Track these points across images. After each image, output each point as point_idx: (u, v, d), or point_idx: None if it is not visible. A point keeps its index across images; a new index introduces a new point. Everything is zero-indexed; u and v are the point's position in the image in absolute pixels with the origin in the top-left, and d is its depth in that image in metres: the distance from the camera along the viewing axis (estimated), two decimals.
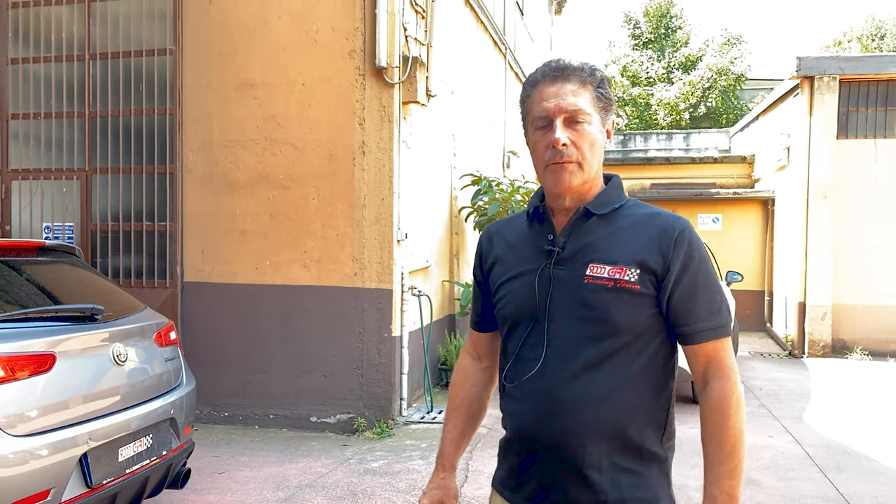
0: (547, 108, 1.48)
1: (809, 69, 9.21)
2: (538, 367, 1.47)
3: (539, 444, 1.47)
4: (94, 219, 6.34)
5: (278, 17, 5.88)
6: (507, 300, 1.57)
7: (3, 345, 2.54)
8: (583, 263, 1.48)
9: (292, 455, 5.05)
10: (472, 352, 1.80)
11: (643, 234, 1.48)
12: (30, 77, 6.48)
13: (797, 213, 9.67)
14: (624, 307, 1.43)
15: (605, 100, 1.51)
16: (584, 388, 1.43)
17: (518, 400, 1.51)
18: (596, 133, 1.50)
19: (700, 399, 1.51)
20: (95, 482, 2.72)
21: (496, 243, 1.66)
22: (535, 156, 1.54)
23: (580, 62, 1.52)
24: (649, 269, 1.45)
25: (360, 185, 5.76)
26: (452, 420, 1.75)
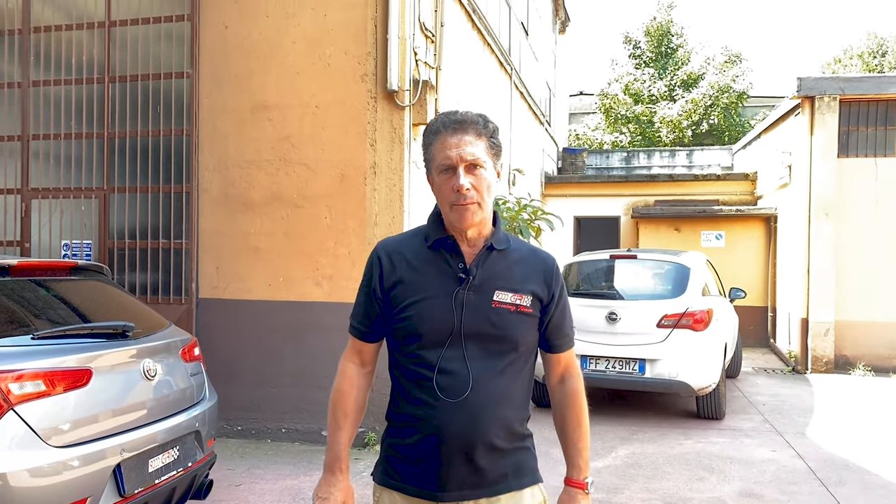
0: (450, 156, 1.74)
1: (810, 89, 9.39)
2: (465, 376, 1.73)
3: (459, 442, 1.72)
4: (111, 236, 6.50)
5: (293, 41, 6.07)
6: (418, 319, 1.77)
7: (44, 360, 2.69)
8: (490, 290, 1.78)
9: (306, 468, 5.17)
10: (357, 360, 1.96)
11: (531, 269, 1.84)
12: (51, 99, 6.67)
13: (799, 230, 9.80)
14: (522, 326, 1.79)
15: (496, 147, 1.80)
16: (497, 392, 1.75)
17: (442, 402, 1.72)
18: (491, 177, 1.78)
19: (557, 392, 1.93)
20: (128, 492, 2.85)
21: (397, 263, 1.84)
22: (440, 196, 1.80)
23: (475, 115, 1.80)
24: (538, 296, 1.82)
25: (371, 205, 5.92)
26: (345, 426, 1.90)
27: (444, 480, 1.74)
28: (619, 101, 23.08)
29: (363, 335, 1.93)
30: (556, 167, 17.10)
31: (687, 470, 5.11)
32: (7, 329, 2.82)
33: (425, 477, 1.76)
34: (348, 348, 1.98)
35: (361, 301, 1.92)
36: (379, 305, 1.86)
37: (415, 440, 1.76)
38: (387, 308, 1.84)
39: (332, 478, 1.88)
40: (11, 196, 6.75)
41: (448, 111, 1.82)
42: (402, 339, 1.80)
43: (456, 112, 1.80)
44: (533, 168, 13.37)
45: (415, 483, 1.77)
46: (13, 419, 2.53)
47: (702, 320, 6.28)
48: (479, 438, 1.73)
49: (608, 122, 23.84)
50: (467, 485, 1.75)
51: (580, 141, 23.99)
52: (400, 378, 1.82)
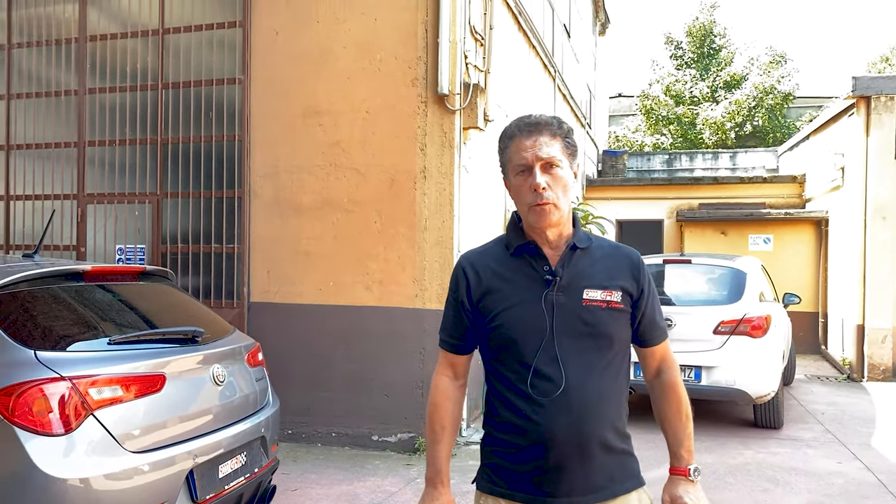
0: (525, 156, 1.76)
1: (866, 89, 9.11)
2: (564, 378, 1.72)
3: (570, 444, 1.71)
4: (164, 241, 6.60)
5: (343, 47, 6.09)
6: (510, 325, 1.78)
7: (121, 365, 2.71)
8: (579, 289, 1.79)
9: (359, 473, 5.16)
10: (450, 373, 1.95)
11: (617, 264, 1.85)
12: (106, 106, 6.80)
13: (854, 234, 9.52)
14: (614, 323, 1.79)
15: (571, 147, 1.81)
16: (599, 390, 1.75)
17: (545, 407, 1.72)
18: (568, 176, 1.79)
19: (656, 385, 1.93)
20: (200, 497, 2.86)
21: (483, 274, 1.85)
22: (517, 197, 1.81)
23: (549, 117, 1.81)
24: (627, 291, 1.82)
25: (420, 209, 5.90)
26: (444, 439, 1.90)
27: (553, 486, 1.73)
28: (660, 102, 22.77)
29: (455, 348, 1.93)
30: (596, 170, 16.92)
31: (750, 481, 4.97)
32: (84, 334, 2.86)
33: (533, 483, 1.75)
34: (440, 362, 1.98)
35: (450, 315, 1.92)
36: (468, 317, 1.87)
37: (521, 447, 1.75)
38: (477, 319, 1.85)
39: (434, 492, 1.88)
40: (68, 201, 6.90)
41: (522, 115, 1.83)
42: (495, 347, 1.81)
43: (530, 115, 1.82)
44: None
45: (522, 490, 1.76)
46: (93, 424, 2.55)
47: (760, 327, 6.12)
48: (588, 439, 1.72)
49: (649, 124, 23.54)
50: (576, 490, 1.73)
51: (620, 143, 23.73)
52: (497, 386, 1.82)
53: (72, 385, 2.53)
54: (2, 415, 2.43)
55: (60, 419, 2.48)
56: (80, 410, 2.53)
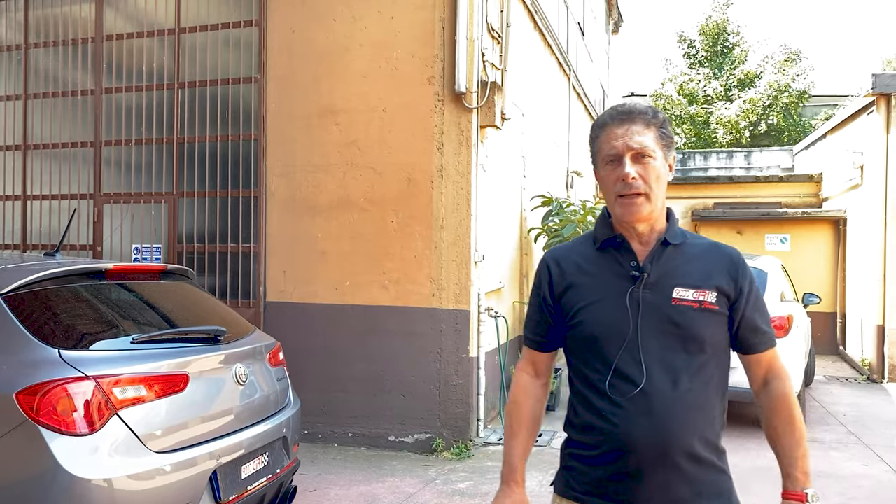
0: (616, 145, 1.68)
1: (886, 87, 8.99)
2: (645, 380, 1.63)
3: (651, 450, 1.61)
4: (180, 240, 6.59)
5: (360, 45, 6.06)
6: (592, 322, 1.71)
7: (144, 365, 2.69)
8: (668, 287, 1.68)
9: (377, 474, 5.12)
10: (531, 370, 1.91)
11: (714, 262, 1.72)
12: (122, 105, 6.81)
13: (873, 234, 9.39)
14: (707, 325, 1.66)
15: (666, 138, 1.72)
16: (684, 396, 1.63)
17: (625, 409, 1.64)
18: (660, 167, 1.69)
19: (763, 397, 1.76)
20: (223, 498, 2.83)
21: (566, 269, 1.79)
22: (605, 188, 1.73)
23: (644, 106, 1.73)
24: (724, 292, 1.69)
25: (437, 208, 5.86)
26: (519, 436, 1.85)
27: (631, 494, 1.65)
28: (673, 101, 22.63)
29: (537, 345, 1.88)
30: None
31: (774, 485, 4.88)
32: (106, 332, 2.84)
33: (609, 490, 1.67)
34: (522, 359, 1.94)
35: (533, 311, 1.87)
36: (550, 314, 1.82)
37: (598, 450, 1.68)
38: (559, 316, 1.79)
39: (508, 489, 1.82)
40: (85, 201, 6.91)
41: (615, 104, 1.76)
42: (576, 345, 1.76)
43: (623, 104, 1.74)
44: (589, 170, 13.17)
45: (597, 496, 1.69)
46: (117, 424, 2.52)
47: (782, 327, 6.03)
48: (670, 446, 1.61)
49: None
50: (656, 501, 1.64)
51: None
52: (578, 385, 1.76)
53: (96, 384, 2.51)
54: (27, 414, 2.41)
55: (85, 419, 2.45)
56: (104, 410, 2.50)
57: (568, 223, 7.06)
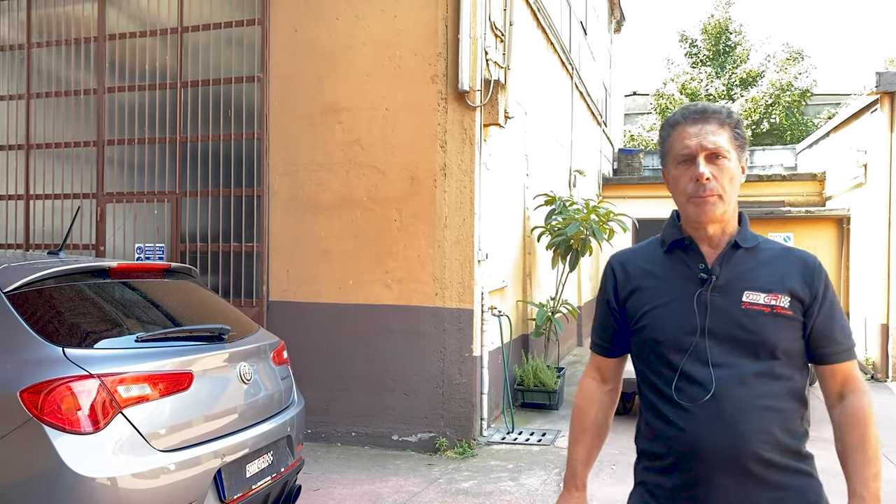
0: (690, 145, 1.64)
1: (890, 84, 8.97)
2: (714, 385, 1.58)
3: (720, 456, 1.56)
4: (183, 240, 6.58)
5: (362, 44, 6.05)
6: (656, 326, 1.67)
7: (149, 363, 2.68)
8: (738, 291, 1.63)
9: (380, 473, 5.11)
10: (597, 376, 1.89)
11: (788, 267, 1.66)
12: (125, 105, 6.80)
13: (877, 232, 9.37)
14: (779, 330, 1.60)
15: (741, 139, 1.68)
16: (755, 401, 1.58)
17: (693, 414, 1.59)
18: (734, 168, 1.66)
19: (836, 412, 1.69)
20: (228, 497, 2.82)
21: (632, 272, 1.76)
22: (676, 189, 1.69)
23: (718, 105, 1.70)
24: (798, 297, 1.63)
25: (441, 207, 5.84)
26: (582, 442, 1.84)
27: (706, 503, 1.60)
28: (676, 100, 22.61)
29: (603, 350, 1.86)
30: (611, 168, 16.81)
31: None
32: (111, 331, 2.83)
33: (683, 500, 1.63)
34: (588, 364, 1.92)
35: (599, 316, 1.85)
36: (615, 318, 1.79)
37: (670, 460, 1.64)
38: (623, 320, 1.77)
39: (568, 494, 1.84)
40: (87, 200, 6.90)
41: (688, 103, 1.75)
42: (642, 349, 1.72)
43: (696, 103, 1.71)
44: (591, 169, 13.15)
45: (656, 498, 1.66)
46: (121, 422, 2.52)
47: None
48: (742, 451, 1.55)
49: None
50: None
51: (635, 142, 23.57)
52: (646, 392, 1.72)
53: (100, 383, 2.50)
54: (31, 412, 2.40)
55: (89, 417, 2.45)
56: (108, 408, 2.50)
57: (571, 222, 7.05)
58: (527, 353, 7.58)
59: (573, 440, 1.85)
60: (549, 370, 7.10)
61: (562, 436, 6.16)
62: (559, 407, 7.13)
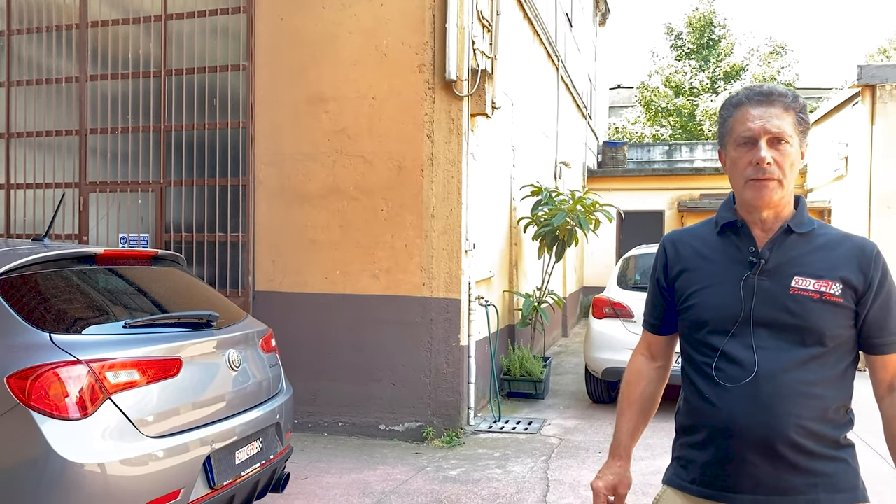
0: (752, 128, 1.62)
1: (871, 77, 9.08)
2: (756, 368, 1.59)
3: (752, 435, 1.58)
4: (168, 230, 6.53)
5: (349, 32, 6.01)
6: (704, 306, 1.68)
7: (137, 349, 2.66)
8: (788, 276, 1.62)
9: (368, 462, 5.12)
10: (647, 353, 1.92)
11: (843, 254, 1.64)
12: (108, 93, 6.72)
13: (858, 224, 9.50)
14: (828, 317, 1.59)
15: (804, 123, 1.66)
16: (795, 386, 1.57)
17: (731, 393, 1.60)
18: (795, 154, 1.64)
19: (885, 404, 1.68)
20: (218, 484, 2.81)
21: (682, 252, 1.78)
22: (734, 170, 1.67)
23: (784, 88, 1.68)
24: (851, 284, 1.61)
25: (428, 197, 5.84)
26: (628, 414, 1.88)
27: (735, 481, 1.60)
28: (660, 93, 22.74)
29: (653, 328, 1.89)
30: (596, 161, 16.88)
31: None
32: (98, 317, 2.80)
33: (713, 476, 1.64)
34: (640, 340, 1.95)
35: (650, 293, 1.88)
36: (664, 297, 1.82)
37: (703, 436, 1.66)
38: (672, 298, 1.78)
39: (611, 461, 1.86)
40: (70, 190, 6.82)
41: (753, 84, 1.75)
42: (688, 329, 1.73)
43: (762, 84, 1.70)
44: (576, 161, 13.20)
45: (702, 483, 1.66)
46: (110, 409, 2.50)
47: None
48: (774, 434, 1.56)
49: (648, 116, 23.51)
50: (762, 489, 1.59)
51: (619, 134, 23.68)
52: (688, 370, 1.73)
53: (88, 368, 2.48)
54: (18, 398, 2.38)
55: (77, 403, 2.43)
56: (96, 394, 2.48)
57: (558, 212, 7.07)
58: (513, 343, 7.61)
59: (620, 412, 1.89)
60: (536, 360, 7.14)
61: (548, 424, 6.20)
62: (545, 396, 7.17)
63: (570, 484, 4.58)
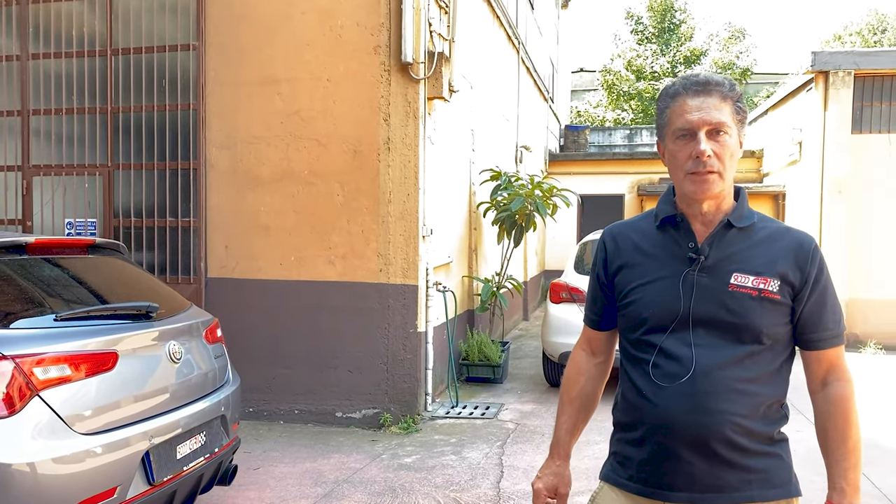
0: (691, 120, 1.58)
1: (824, 64, 9.22)
2: (693, 365, 1.57)
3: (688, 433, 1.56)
4: (116, 215, 6.33)
5: (302, 12, 5.86)
6: (643, 302, 1.65)
7: (69, 343, 2.55)
8: (726, 272, 1.60)
9: (323, 450, 5.07)
10: (587, 348, 1.89)
11: (781, 248, 1.62)
12: (51, 72, 6.45)
13: (810, 208, 9.69)
14: (766, 315, 1.57)
15: (742, 112, 1.63)
16: (731, 384, 1.56)
17: (667, 390, 1.59)
18: (734, 145, 1.60)
19: (819, 399, 1.68)
20: (157, 480, 2.73)
21: (622, 247, 1.74)
22: (673, 163, 1.63)
23: (721, 77, 1.63)
24: (788, 280, 1.59)
25: (385, 182, 5.76)
26: (567, 411, 1.85)
27: (671, 479, 1.59)
28: (622, 77, 22.86)
29: (593, 323, 1.86)
30: (558, 144, 16.92)
31: None
32: (28, 310, 2.68)
33: (650, 474, 1.62)
34: (581, 336, 1.92)
35: (590, 288, 1.85)
36: (604, 292, 1.79)
37: (640, 433, 1.64)
38: (612, 294, 1.76)
39: (550, 461, 1.84)
40: (12, 173, 6.56)
41: (689, 73, 1.69)
42: (627, 325, 1.71)
43: (698, 73, 1.65)
44: (538, 145, 13.20)
45: (639, 480, 1.65)
46: (39, 406, 2.39)
47: None
48: (709, 432, 1.54)
49: (610, 99, 23.63)
50: (698, 487, 1.57)
51: (582, 118, 23.77)
52: (626, 366, 1.72)
53: (15, 364, 2.36)
54: None
55: (3, 400, 2.31)
56: (24, 391, 2.37)
57: (516, 197, 7.05)
58: (472, 328, 7.60)
59: (560, 410, 1.87)
60: (494, 344, 7.14)
61: (505, 409, 6.22)
62: (503, 381, 7.19)
63: (524, 469, 4.59)
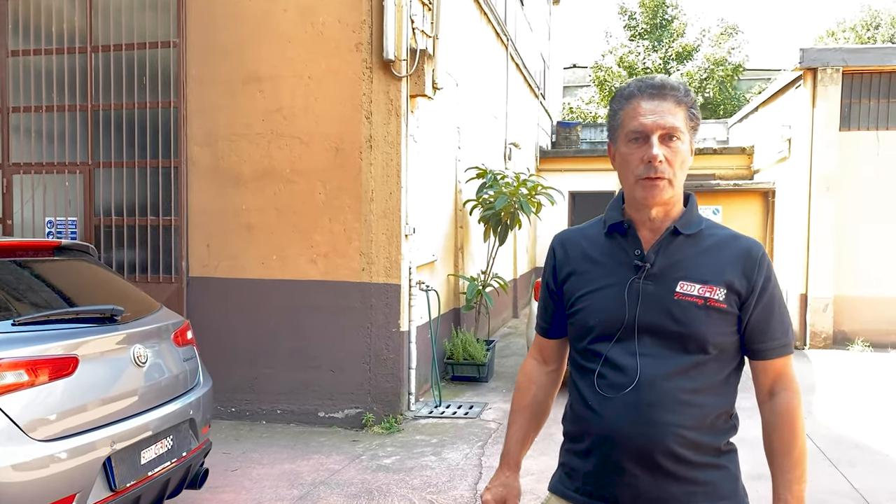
0: (645, 123, 1.54)
1: (813, 61, 9.20)
2: (637, 376, 1.53)
3: (633, 445, 1.53)
4: (97, 213, 6.27)
5: (284, 9, 5.81)
6: (590, 311, 1.62)
7: (26, 348, 2.50)
8: (672, 280, 1.57)
9: (303, 451, 5.03)
10: (539, 357, 1.86)
11: (728, 257, 1.58)
12: (30, 69, 6.39)
13: (799, 205, 9.68)
14: (711, 324, 1.54)
15: (695, 119, 1.60)
16: (676, 395, 1.52)
17: (612, 401, 1.56)
18: (686, 151, 1.57)
19: (765, 409, 1.63)
20: (119, 486, 2.69)
21: (571, 254, 1.71)
22: (624, 167, 1.60)
23: (676, 82, 1.60)
24: (735, 289, 1.55)
25: (367, 180, 5.72)
26: (518, 421, 1.82)
27: (616, 491, 1.56)
28: (614, 73, 22.81)
29: (543, 331, 1.83)
30: (550, 141, 16.87)
31: None
32: None
33: (595, 486, 1.59)
34: (532, 344, 1.89)
35: (541, 296, 1.82)
36: (554, 300, 1.75)
37: (586, 444, 1.61)
38: (561, 302, 1.72)
39: (500, 472, 1.81)
40: None
41: (644, 76, 1.65)
42: (575, 334, 1.68)
43: (654, 76, 1.61)
44: (528, 142, 13.15)
45: (584, 493, 1.62)
46: None
47: None
48: (653, 444, 1.50)
49: (602, 96, 23.58)
50: (643, 499, 1.54)
51: (574, 114, 23.72)
52: (574, 376, 1.68)
53: None
54: None
55: None
56: None
57: (500, 195, 7.01)
58: (458, 327, 7.57)
59: (511, 420, 1.83)
60: (479, 343, 7.11)
61: (489, 408, 6.19)
62: (489, 379, 7.16)
63: None
